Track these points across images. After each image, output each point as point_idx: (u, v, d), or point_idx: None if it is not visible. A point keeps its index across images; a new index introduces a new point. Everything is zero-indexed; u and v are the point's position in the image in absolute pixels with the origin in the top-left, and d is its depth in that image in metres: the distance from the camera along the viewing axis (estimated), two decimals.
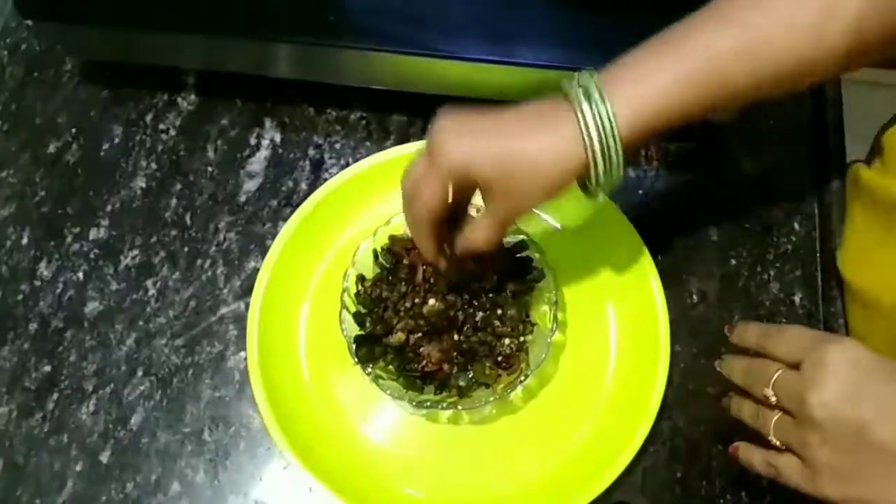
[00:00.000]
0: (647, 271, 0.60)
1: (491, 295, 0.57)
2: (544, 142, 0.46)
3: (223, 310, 0.63)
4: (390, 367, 0.56)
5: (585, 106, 0.45)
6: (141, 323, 0.63)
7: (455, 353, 0.56)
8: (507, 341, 0.57)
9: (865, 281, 0.58)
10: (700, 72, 0.45)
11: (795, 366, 0.46)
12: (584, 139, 0.45)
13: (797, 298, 0.63)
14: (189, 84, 0.72)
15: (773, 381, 0.46)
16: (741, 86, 0.46)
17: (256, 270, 0.63)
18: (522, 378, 0.55)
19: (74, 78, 0.73)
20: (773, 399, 0.46)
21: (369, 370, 0.55)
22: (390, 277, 0.58)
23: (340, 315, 0.57)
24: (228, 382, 0.61)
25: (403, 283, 0.57)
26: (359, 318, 0.57)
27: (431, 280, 0.57)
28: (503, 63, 0.60)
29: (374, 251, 0.59)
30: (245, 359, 0.60)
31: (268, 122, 0.70)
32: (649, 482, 0.58)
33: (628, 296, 0.61)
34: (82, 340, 0.63)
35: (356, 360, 0.55)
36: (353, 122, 0.70)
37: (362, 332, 0.57)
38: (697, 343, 0.61)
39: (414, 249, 0.57)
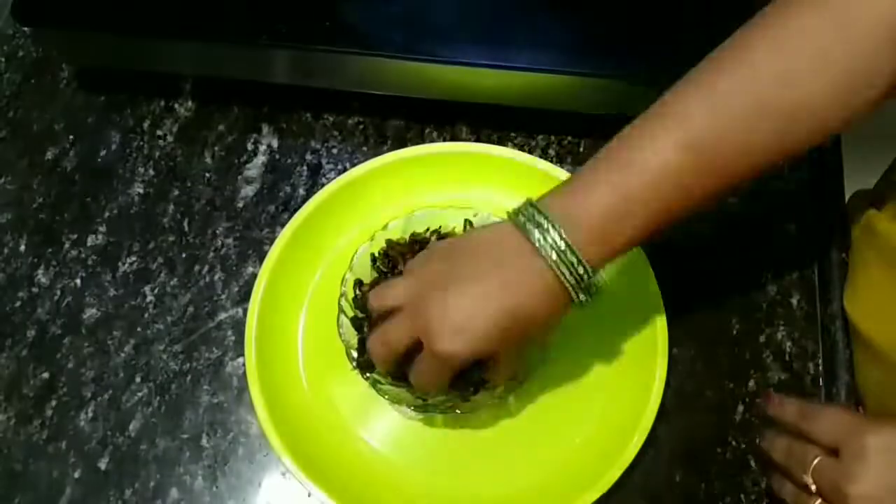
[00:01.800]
0: (644, 275, 0.60)
1: None
2: (530, 295, 0.45)
3: (221, 315, 0.63)
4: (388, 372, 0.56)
5: (547, 248, 0.43)
6: (139, 329, 0.63)
7: None
8: None
9: (874, 329, 0.58)
10: (658, 188, 0.43)
11: (835, 450, 0.45)
12: (560, 279, 0.44)
13: (795, 301, 0.63)
14: (186, 90, 0.72)
15: (812, 468, 0.46)
16: (706, 196, 0.44)
17: (254, 276, 0.63)
18: (521, 380, 0.55)
19: (71, 84, 0.73)
20: (813, 487, 0.46)
21: (367, 375, 0.55)
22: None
23: (338, 320, 0.57)
24: (227, 388, 0.61)
25: None
26: (356, 323, 0.57)
27: None
28: (499, 67, 0.60)
29: (372, 255, 0.59)
30: (243, 364, 0.60)
31: (265, 128, 0.70)
32: (648, 485, 0.58)
33: (625, 299, 0.61)
34: (80, 347, 0.63)
35: (354, 365, 0.55)
36: (351, 127, 0.70)
37: (362, 337, 0.57)
38: (695, 346, 0.62)
39: (409, 254, 0.57)
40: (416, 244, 0.59)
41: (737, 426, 0.59)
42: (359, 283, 0.58)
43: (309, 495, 0.57)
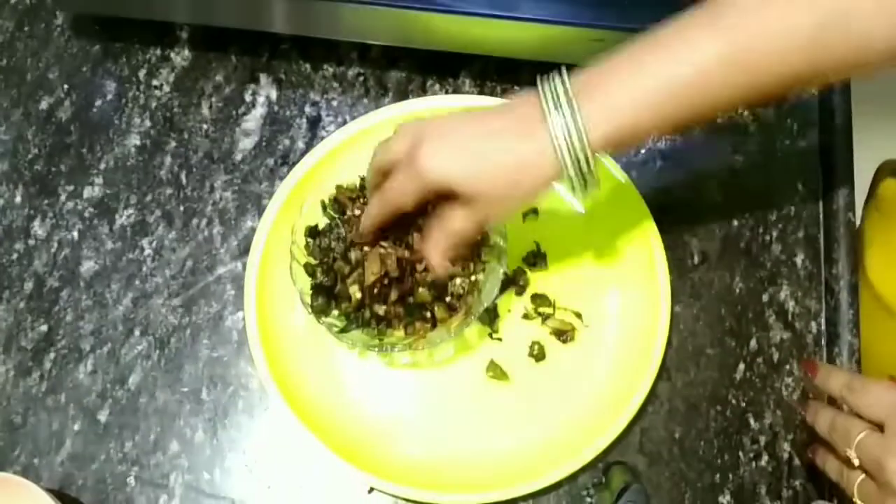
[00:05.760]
0: (648, 232, 0.60)
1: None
2: (520, 154, 0.45)
3: (220, 270, 0.63)
4: (343, 316, 0.56)
5: (557, 119, 0.43)
6: (137, 282, 0.63)
7: (408, 299, 0.56)
8: (458, 281, 0.56)
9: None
10: (681, 82, 0.43)
11: (880, 425, 0.45)
12: (556, 152, 0.44)
13: (799, 260, 0.63)
14: (182, 39, 0.70)
15: (856, 442, 0.46)
16: (725, 97, 0.44)
17: (253, 230, 0.62)
18: (473, 315, 0.55)
19: (66, 32, 0.71)
20: (856, 462, 0.46)
21: (322, 320, 0.55)
22: (338, 228, 0.58)
23: (290, 267, 0.56)
24: (226, 342, 0.61)
25: (349, 234, 0.57)
26: (308, 269, 0.57)
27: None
28: (504, 18, 0.59)
29: (322, 202, 0.59)
30: (243, 319, 0.60)
31: (263, 79, 0.69)
32: (647, 442, 0.58)
33: (629, 256, 0.61)
34: (78, 300, 0.62)
35: (309, 311, 0.56)
36: (351, 78, 0.69)
37: (316, 283, 0.57)
38: (697, 304, 0.61)
39: (359, 199, 0.57)
40: (365, 189, 0.58)
41: (737, 384, 0.59)
42: (313, 231, 0.58)
43: (309, 448, 0.57)
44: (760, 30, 0.42)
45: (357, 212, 0.57)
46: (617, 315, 0.60)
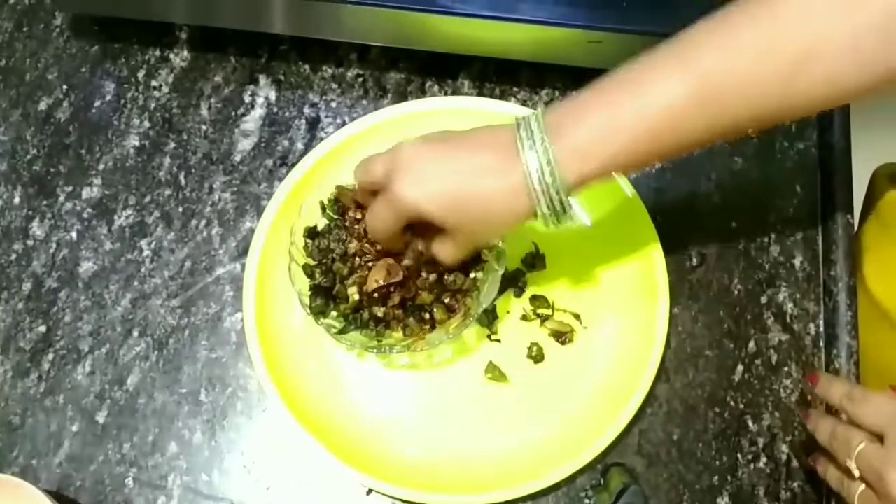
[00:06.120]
0: (646, 233, 0.60)
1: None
2: (496, 188, 0.45)
3: (219, 270, 0.63)
4: (342, 317, 0.56)
5: (531, 157, 0.44)
6: (136, 283, 0.63)
7: (409, 302, 0.56)
8: (452, 277, 0.56)
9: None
10: (651, 119, 0.43)
11: (880, 436, 0.46)
12: (529, 190, 0.44)
13: (797, 261, 0.63)
14: (182, 39, 0.70)
15: (856, 453, 0.46)
16: (697, 134, 0.44)
17: (252, 231, 0.62)
18: (472, 317, 0.55)
19: (64, 33, 0.71)
20: (856, 472, 0.47)
21: (321, 322, 0.56)
22: (337, 229, 0.58)
23: (289, 268, 0.57)
24: (225, 343, 0.61)
25: (350, 235, 0.57)
26: (307, 270, 0.57)
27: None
28: (503, 19, 0.59)
29: (321, 203, 0.58)
30: (241, 320, 0.60)
31: (262, 80, 0.69)
32: (645, 444, 0.58)
33: (627, 258, 0.61)
34: (77, 300, 0.62)
35: (308, 312, 0.56)
36: (350, 80, 0.69)
37: (315, 284, 0.57)
38: (696, 306, 0.61)
39: (359, 205, 0.57)
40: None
41: (735, 386, 0.59)
42: (311, 232, 0.58)
43: (307, 450, 0.57)
44: (730, 69, 0.42)
45: (358, 215, 0.57)
46: (615, 317, 0.60)
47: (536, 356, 0.59)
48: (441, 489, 0.55)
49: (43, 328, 0.62)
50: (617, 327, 0.60)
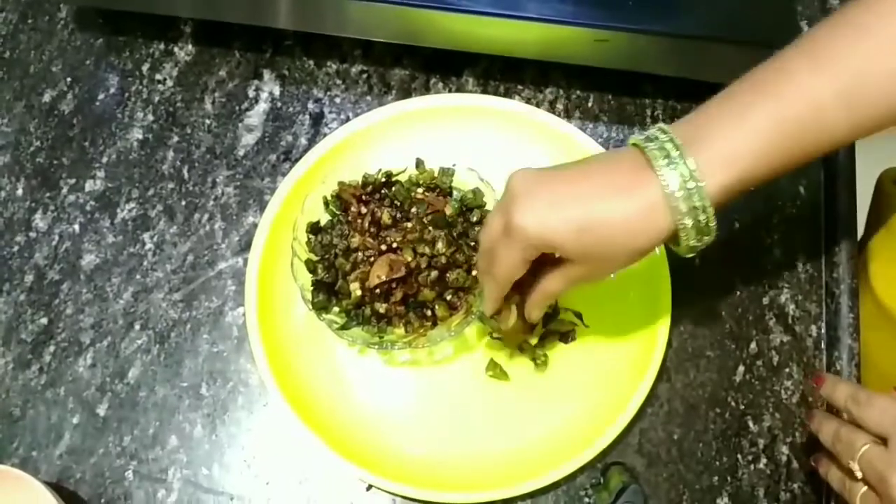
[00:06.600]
0: None
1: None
2: (629, 208, 0.42)
3: (221, 265, 0.63)
4: (344, 312, 0.56)
5: (669, 174, 0.41)
6: (138, 277, 0.63)
7: (411, 298, 0.56)
8: (453, 275, 0.56)
9: None
10: (798, 119, 0.41)
11: (884, 438, 0.46)
12: (671, 206, 0.41)
13: (800, 263, 0.63)
14: (186, 33, 0.70)
15: (859, 454, 0.46)
16: (840, 134, 0.42)
17: (255, 226, 0.62)
18: (474, 314, 0.55)
19: (69, 25, 0.71)
20: (859, 474, 0.47)
21: (323, 317, 0.56)
22: (340, 224, 0.58)
23: (292, 263, 0.56)
24: (226, 338, 0.61)
25: (353, 231, 0.57)
26: (310, 266, 0.57)
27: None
28: (508, 17, 0.59)
29: (324, 198, 0.59)
30: (243, 314, 0.60)
31: (266, 75, 0.69)
32: (646, 443, 0.58)
33: None
34: (79, 293, 0.62)
35: (310, 307, 0.56)
36: (354, 75, 0.69)
37: (317, 279, 0.57)
38: (698, 306, 0.61)
39: (362, 196, 0.57)
40: (368, 185, 0.58)
41: (737, 387, 0.59)
42: (314, 227, 0.58)
43: (308, 445, 0.57)
44: (875, 66, 0.41)
45: (363, 209, 0.57)
46: (617, 316, 0.60)
47: (538, 355, 0.59)
48: (441, 486, 0.55)
49: (45, 320, 0.62)
50: (619, 326, 0.60)
